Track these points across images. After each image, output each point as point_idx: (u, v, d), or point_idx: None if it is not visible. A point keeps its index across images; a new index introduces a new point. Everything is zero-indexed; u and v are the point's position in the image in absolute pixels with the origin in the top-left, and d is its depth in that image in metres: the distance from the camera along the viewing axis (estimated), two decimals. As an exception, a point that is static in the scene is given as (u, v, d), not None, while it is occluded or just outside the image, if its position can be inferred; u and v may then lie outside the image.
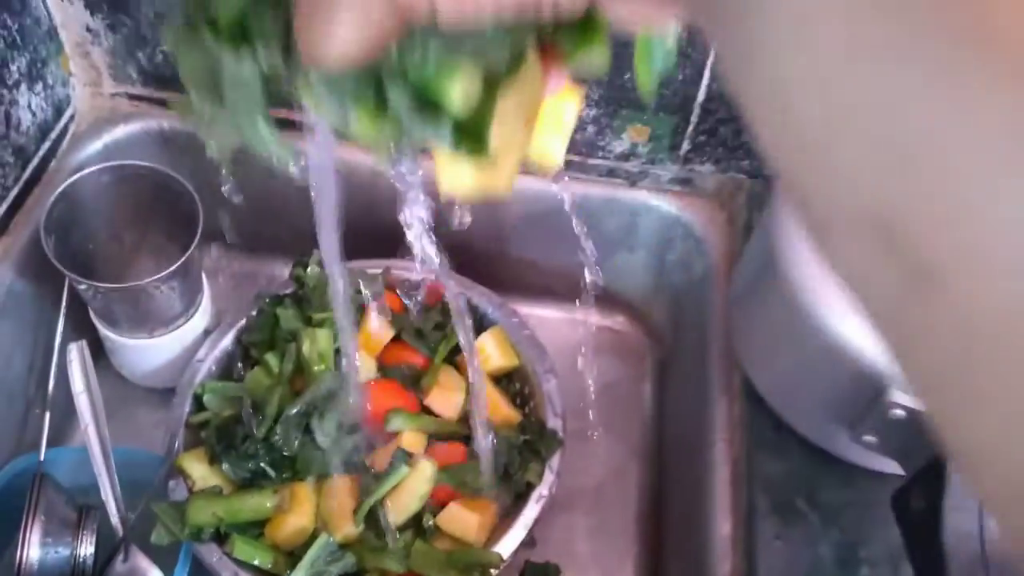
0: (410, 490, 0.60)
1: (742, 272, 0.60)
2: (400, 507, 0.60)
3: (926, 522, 0.44)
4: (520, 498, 0.62)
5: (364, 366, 0.68)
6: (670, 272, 0.74)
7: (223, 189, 0.43)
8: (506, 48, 0.22)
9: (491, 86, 0.22)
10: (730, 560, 0.54)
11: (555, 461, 0.63)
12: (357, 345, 0.68)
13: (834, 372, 0.50)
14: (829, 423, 0.53)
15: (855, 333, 0.48)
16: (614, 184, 0.71)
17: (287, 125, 0.79)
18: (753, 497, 0.54)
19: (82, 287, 0.63)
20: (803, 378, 0.53)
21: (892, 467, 0.53)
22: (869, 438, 0.50)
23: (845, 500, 0.54)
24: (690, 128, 0.66)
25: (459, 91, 0.22)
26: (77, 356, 0.64)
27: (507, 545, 0.60)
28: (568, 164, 0.71)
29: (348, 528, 0.60)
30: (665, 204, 0.71)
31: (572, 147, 0.69)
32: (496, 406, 0.66)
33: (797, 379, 0.54)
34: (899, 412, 0.47)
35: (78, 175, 0.64)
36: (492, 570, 0.58)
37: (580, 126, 0.67)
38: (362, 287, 0.71)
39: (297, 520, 0.60)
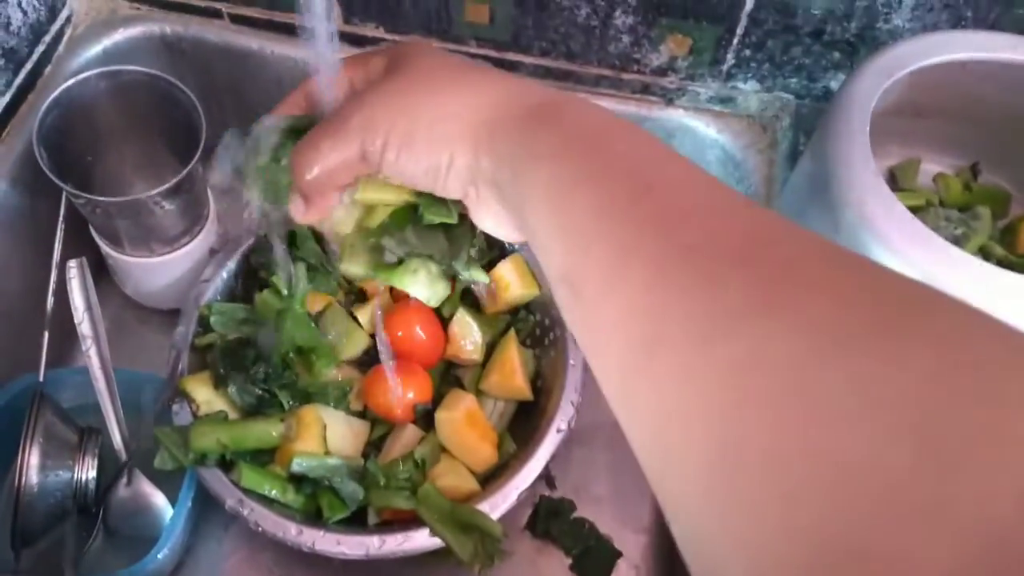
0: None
1: (787, 200, 0.56)
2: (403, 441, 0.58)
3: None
4: (537, 431, 0.60)
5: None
6: (704, 199, 0.69)
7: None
8: None
9: None
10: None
11: (575, 395, 0.60)
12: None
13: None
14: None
15: (915, 269, 0.43)
16: (649, 102, 0.66)
17: (290, 30, 0.73)
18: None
19: (80, 202, 0.60)
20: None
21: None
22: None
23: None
24: (735, 40, 0.60)
25: None
26: (77, 273, 0.61)
27: (522, 480, 0.57)
28: (599, 79, 0.65)
29: (355, 458, 0.58)
30: (703, 125, 0.65)
31: (604, 60, 0.64)
32: (511, 375, 0.63)
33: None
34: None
35: (73, 80, 0.59)
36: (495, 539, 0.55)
37: (615, 36, 0.61)
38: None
39: (305, 447, 0.58)
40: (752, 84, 0.63)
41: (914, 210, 0.53)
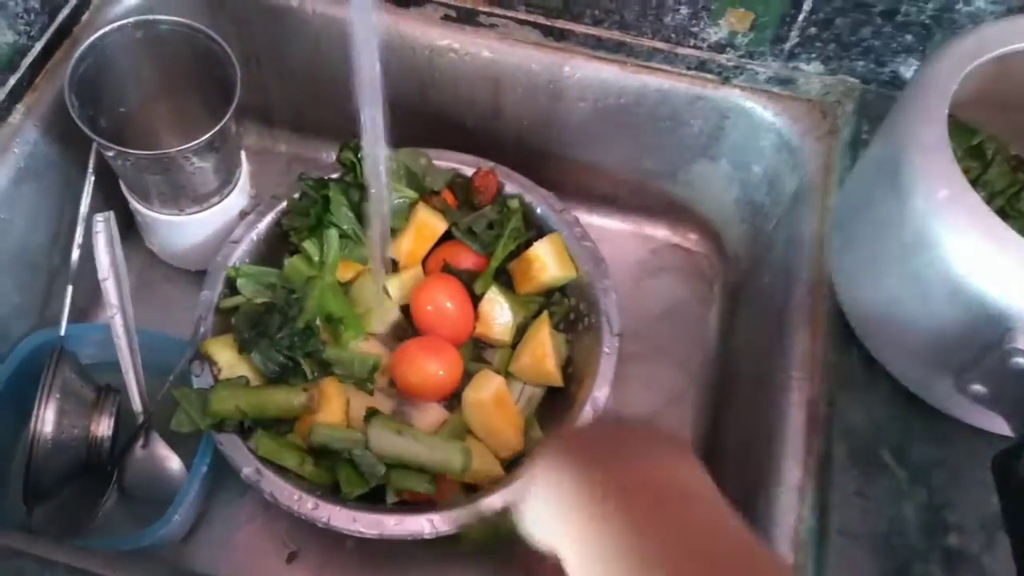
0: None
1: (851, 189, 0.52)
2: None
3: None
4: (566, 419, 0.57)
5: (408, 264, 0.63)
6: (755, 186, 0.66)
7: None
8: None
9: None
10: (795, 512, 0.48)
11: (607, 384, 0.58)
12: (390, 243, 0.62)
13: (949, 309, 0.42)
14: (931, 367, 0.46)
15: (985, 267, 0.40)
16: (703, 80, 0.62)
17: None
18: (831, 445, 0.48)
19: (110, 154, 0.58)
20: (910, 313, 0.45)
21: (997, 425, 0.46)
22: (978, 388, 0.43)
23: (937, 457, 0.47)
24: (801, 17, 0.56)
25: None
26: (103, 227, 0.59)
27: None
28: (653, 53, 0.62)
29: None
30: (759, 107, 0.62)
31: (660, 32, 0.61)
32: (542, 359, 0.60)
33: (902, 313, 0.46)
34: (1021, 361, 0.40)
35: (108, 28, 0.58)
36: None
37: (672, 7, 0.58)
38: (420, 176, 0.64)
39: (326, 419, 0.56)
40: (815, 65, 0.60)
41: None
